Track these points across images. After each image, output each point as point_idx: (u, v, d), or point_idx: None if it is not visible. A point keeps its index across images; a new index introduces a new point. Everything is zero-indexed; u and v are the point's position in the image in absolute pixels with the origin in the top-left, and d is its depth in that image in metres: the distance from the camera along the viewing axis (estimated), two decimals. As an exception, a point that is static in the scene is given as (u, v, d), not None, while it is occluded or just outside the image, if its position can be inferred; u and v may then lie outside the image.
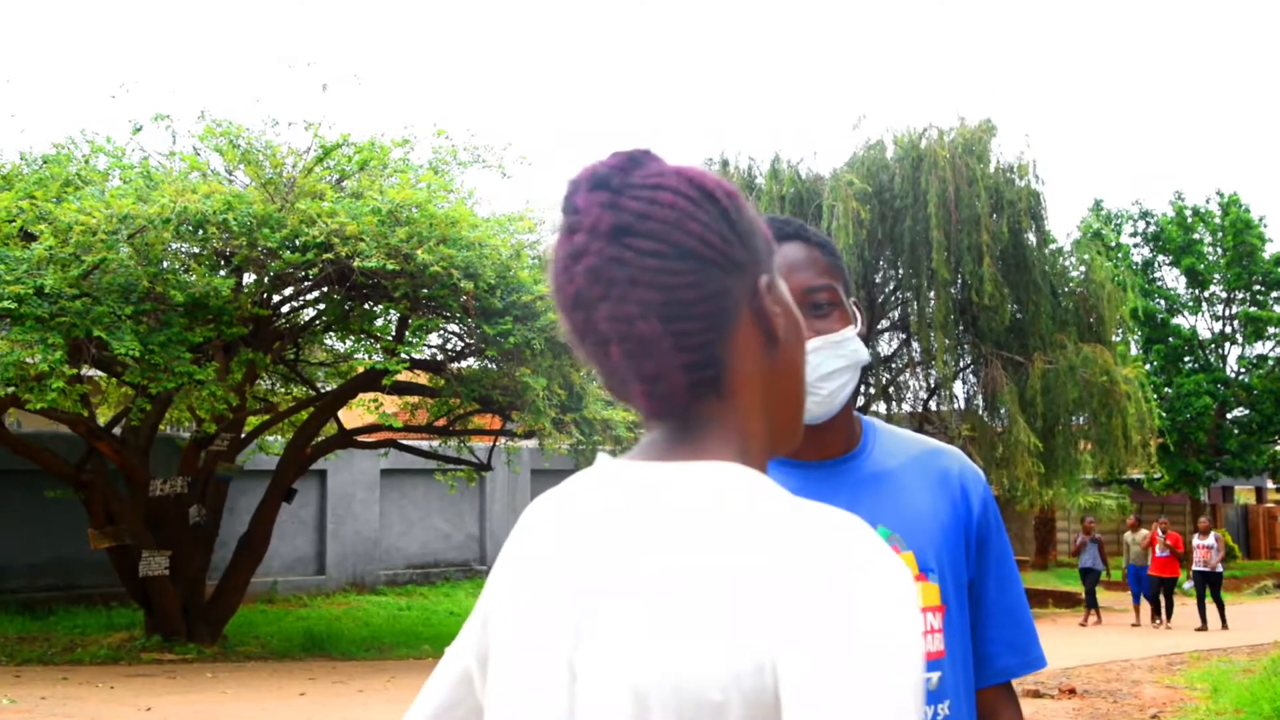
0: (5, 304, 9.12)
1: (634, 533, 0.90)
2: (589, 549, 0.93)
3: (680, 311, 0.92)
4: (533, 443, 13.90)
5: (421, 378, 13.21)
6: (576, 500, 0.97)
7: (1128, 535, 18.76)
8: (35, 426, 13.95)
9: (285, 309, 12.43)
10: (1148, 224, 32.51)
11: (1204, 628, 16.89)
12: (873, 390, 19.93)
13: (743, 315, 0.95)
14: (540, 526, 0.99)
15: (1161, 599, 17.71)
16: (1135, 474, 24.97)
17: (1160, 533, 17.70)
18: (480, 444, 15.80)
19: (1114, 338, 19.43)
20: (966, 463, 1.73)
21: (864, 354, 1.63)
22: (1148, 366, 28.63)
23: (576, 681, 0.89)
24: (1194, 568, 17.56)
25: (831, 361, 1.58)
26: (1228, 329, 32.06)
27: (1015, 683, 1.84)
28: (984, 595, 1.70)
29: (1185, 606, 18.14)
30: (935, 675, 1.61)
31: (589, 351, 0.96)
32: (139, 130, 11.71)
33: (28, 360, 9.14)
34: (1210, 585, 17.40)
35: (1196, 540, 17.70)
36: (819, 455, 1.65)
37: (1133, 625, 17.60)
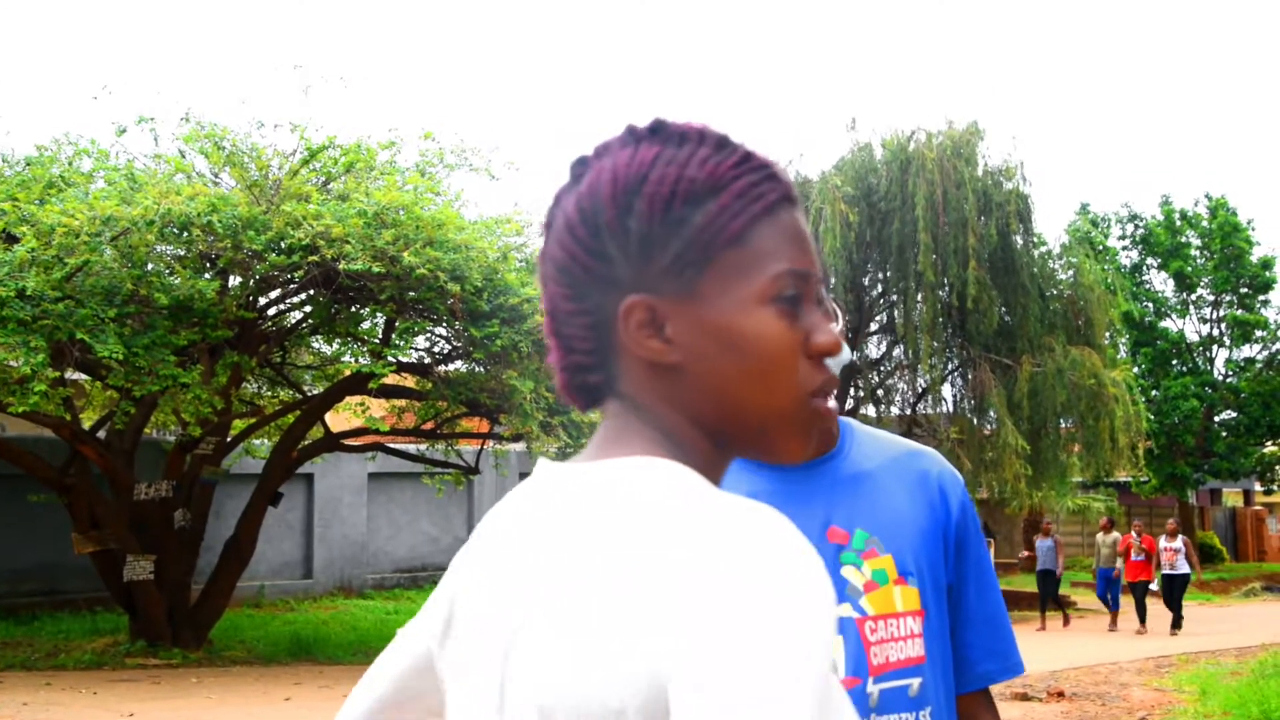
0: (-13, 307, 9.05)
1: (553, 539, 0.88)
2: (513, 558, 0.91)
3: (562, 319, 0.95)
4: (520, 446, 13.85)
5: (408, 381, 13.17)
6: (514, 507, 0.96)
7: (1099, 537, 18.66)
8: (18, 430, 13.87)
9: (271, 312, 12.36)
10: (1136, 227, 32.60)
11: (1177, 627, 16.89)
12: (861, 393, 19.93)
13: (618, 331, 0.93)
14: (479, 539, 0.99)
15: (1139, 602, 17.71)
16: (1123, 477, 25.03)
17: (1135, 536, 17.70)
18: (468, 447, 15.74)
19: (1103, 341, 19.44)
20: (945, 465, 1.71)
21: (845, 354, 1.59)
22: (1135, 369, 28.69)
23: (504, 697, 0.88)
24: (1162, 571, 17.58)
25: None
26: (1215, 332, 32.17)
27: (1003, 685, 1.82)
28: (963, 600, 1.68)
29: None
30: (916, 681, 1.58)
31: None
32: (123, 132, 11.64)
33: (10, 363, 9.07)
34: (1172, 587, 17.39)
35: (1163, 543, 17.69)
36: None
37: (1110, 630, 17.55)
